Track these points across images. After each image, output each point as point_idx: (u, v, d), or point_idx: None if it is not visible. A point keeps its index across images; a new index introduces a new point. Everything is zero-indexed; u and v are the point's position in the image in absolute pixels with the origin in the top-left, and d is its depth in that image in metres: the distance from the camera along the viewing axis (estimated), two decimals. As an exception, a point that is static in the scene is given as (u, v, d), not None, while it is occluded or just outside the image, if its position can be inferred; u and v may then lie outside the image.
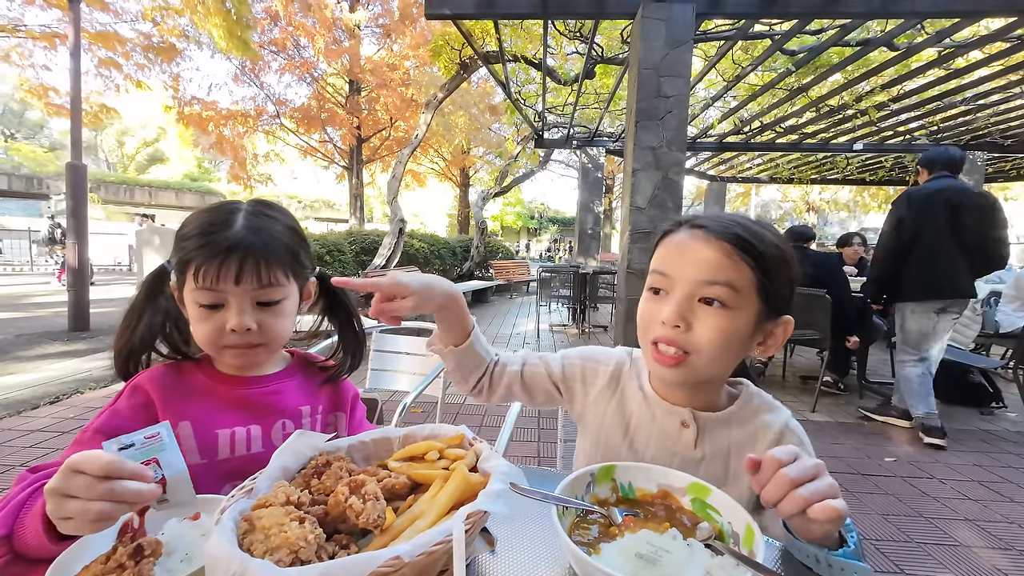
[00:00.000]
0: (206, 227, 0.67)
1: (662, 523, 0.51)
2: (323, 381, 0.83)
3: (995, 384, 3.43)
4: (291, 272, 0.73)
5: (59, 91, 8.99)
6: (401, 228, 6.68)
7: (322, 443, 0.56)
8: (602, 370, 0.78)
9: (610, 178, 17.48)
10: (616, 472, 0.58)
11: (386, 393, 2.17)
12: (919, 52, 4.51)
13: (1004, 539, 1.85)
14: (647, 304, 0.66)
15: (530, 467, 0.77)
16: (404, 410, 1.44)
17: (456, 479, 0.48)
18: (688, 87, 3.59)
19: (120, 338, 0.72)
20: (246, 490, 0.45)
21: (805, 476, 0.45)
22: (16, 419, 2.82)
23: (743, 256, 0.59)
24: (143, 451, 0.48)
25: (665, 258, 0.65)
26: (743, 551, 0.45)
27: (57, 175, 18.36)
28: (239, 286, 0.66)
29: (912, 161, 8.63)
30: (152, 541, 0.42)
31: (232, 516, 0.41)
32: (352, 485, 0.46)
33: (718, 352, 0.60)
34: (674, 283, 0.62)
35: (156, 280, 0.74)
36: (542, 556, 0.52)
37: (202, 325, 0.68)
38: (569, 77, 6.48)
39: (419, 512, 0.46)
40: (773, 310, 0.62)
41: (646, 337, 0.65)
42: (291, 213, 0.79)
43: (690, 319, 0.60)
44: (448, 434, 0.59)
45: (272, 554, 0.38)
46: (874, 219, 24.55)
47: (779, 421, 0.68)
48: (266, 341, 0.71)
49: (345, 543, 0.44)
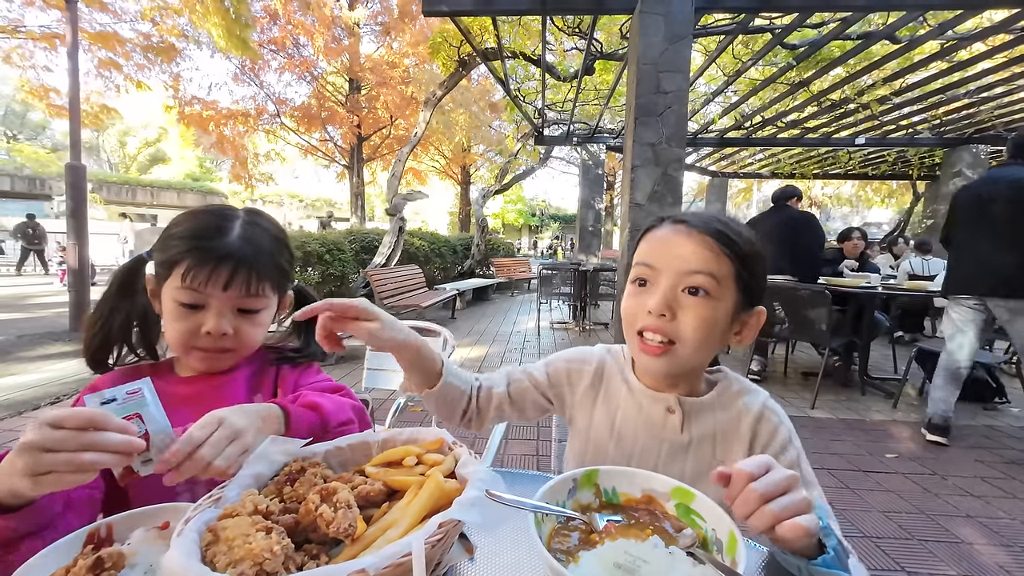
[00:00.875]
0: (202, 231, 0.68)
1: (645, 530, 0.50)
2: (275, 363, 0.81)
3: (998, 379, 3.40)
4: (276, 285, 0.74)
5: (60, 92, 9.02)
6: (401, 227, 6.66)
7: (297, 449, 0.54)
8: (586, 369, 0.79)
9: (611, 175, 17.40)
10: (599, 477, 0.56)
11: (383, 392, 2.17)
12: (921, 45, 4.47)
13: (1007, 536, 1.83)
14: (632, 297, 0.68)
15: (526, 471, 0.76)
16: (398, 410, 1.43)
17: (430, 486, 0.47)
18: (688, 82, 3.56)
19: (90, 330, 0.72)
20: (214, 499, 0.44)
21: (775, 491, 0.44)
22: (17, 420, 2.83)
23: (723, 249, 0.63)
24: (125, 406, 0.48)
25: (649, 251, 0.67)
26: (726, 559, 0.44)
27: (59, 176, 18.41)
28: (226, 292, 0.66)
29: (915, 155, 8.57)
30: (114, 552, 0.41)
31: (196, 527, 0.40)
32: (324, 493, 0.45)
33: (701, 340, 0.63)
34: (659, 274, 0.64)
35: (130, 271, 0.73)
36: (523, 563, 0.50)
37: (177, 323, 0.67)
38: (568, 73, 6.44)
39: (392, 520, 0.45)
40: (748, 301, 0.66)
41: (632, 328, 0.67)
42: (278, 223, 0.79)
43: (675, 308, 0.63)
44: (427, 439, 0.58)
45: (235, 567, 0.36)
46: (877, 214, 24.41)
47: (757, 403, 0.70)
48: (237, 347, 0.71)
49: (315, 553, 0.43)
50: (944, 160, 8.17)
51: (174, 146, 31.09)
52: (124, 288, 0.73)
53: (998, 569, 1.64)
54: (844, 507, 2.03)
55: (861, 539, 1.81)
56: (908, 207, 11.03)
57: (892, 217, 20.39)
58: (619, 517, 0.52)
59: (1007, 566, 1.65)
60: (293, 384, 0.80)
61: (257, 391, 0.78)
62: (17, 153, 23.12)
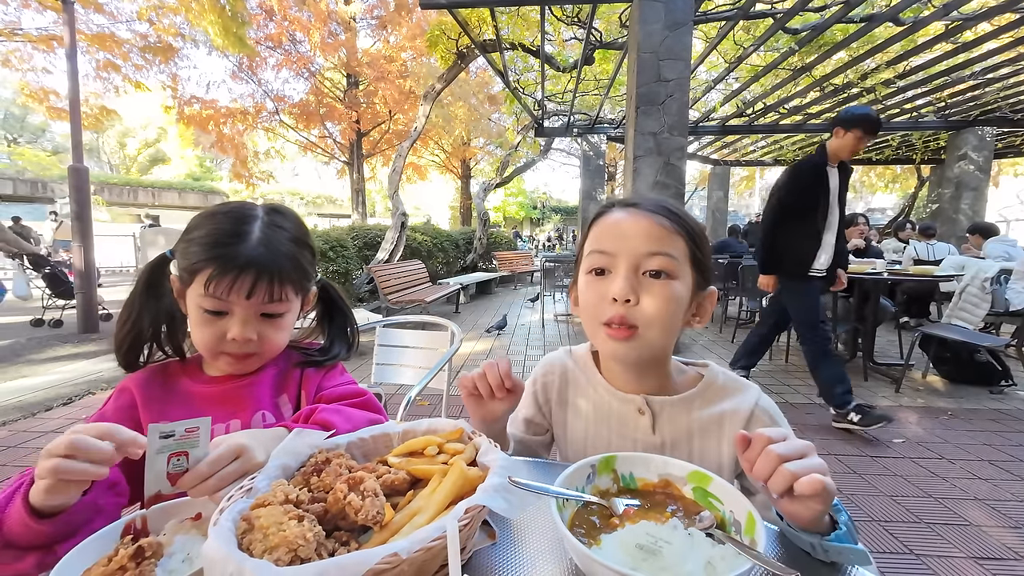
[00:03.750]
0: (221, 236, 0.67)
1: (664, 513, 0.51)
2: (301, 365, 0.82)
3: (1004, 363, 3.39)
4: (299, 288, 0.74)
5: (60, 94, 9.01)
6: (403, 222, 6.67)
7: (321, 440, 0.56)
8: (551, 378, 0.79)
9: (612, 165, 17.32)
10: (617, 462, 0.57)
11: (392, 387, 2.19)
12: (926, 26, 4.41)
13: (1014, 518, 1.84)
14: (592, 286, 0.66)
15: (536, 460, 0.76)
16: (409, 403, 1.45)
17: (454, 474, 0.48)
18: (689, 70, 3.54)
19: (120, 330, 0.73)
20: (245, 490, 0.45)
21: (794, 453, 0.45)
22: (31, 421, 2.87)
23: (677, 228, 0.63)
24: (179, 442, 0.51)
25: (604, 237, 0.66)
26: (744, 539, 0.45)
27: (61, 178, 18.48)
28: (249, 300, 0.67)
29: (919, 139, 8.49)
30: (153, 542, 0.42)
31: (231, 516, 0.41)
32: (351, 482, 0.46)
33: (666, 322, 0.62)
34: (616, 260, 0.63)
35: (155, 270, 0.73)
36: (544, 548, 0.52)
37: (203, 329, 0.68)
38: (568, 64, 6.40)
39: (418, 508, 0.46)
40: (702, 280, 0.66)
41: (596, 321, 0.65)
42: (300, 219, 0.78)
43: (639, 292, 0.62)
44: (447, 429, 0.59)
45: (271, 553, 0.38)
46: (881, 199, 24.24)
47: (747, 403, 0.68)
48: (262, 351, 0.72)
49: (345, 540, 0.44)
50: (949, 143, 8.09)
51: (174, 146, 31.08)
52: (150, 288, 0.74)
53: (1006, 550, 1.65)
54: (852, 492, 2.05)
55: (869, 523, 1.82)
56: (912, 192, 10.94)
57: (896, 202, 20.26)
58: (637, 502, 0.53)
59: (1015, 547, 1.66)
60: (317, 385, 0.81)
61: (282, 392, 0.79)
62: (19, 156, 23.15)
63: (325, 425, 0.65)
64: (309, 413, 0.71)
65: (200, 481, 0.52)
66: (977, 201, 7.84)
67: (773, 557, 0.47)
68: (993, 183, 13.03)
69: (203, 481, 0.52)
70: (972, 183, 7.81)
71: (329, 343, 0.87)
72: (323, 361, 0.83)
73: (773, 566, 0.39)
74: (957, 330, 3.37)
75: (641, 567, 0.43)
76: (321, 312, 0.88)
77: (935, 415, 2.90)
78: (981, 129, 7.59)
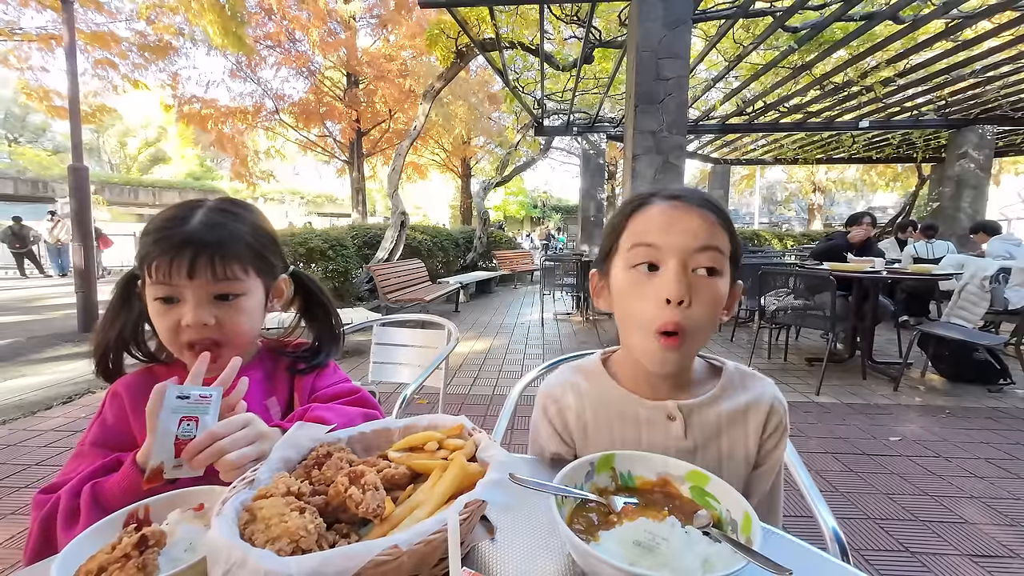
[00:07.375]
0: (164, 223, 0.67)
1: (661, 511, 0.51)
2: (291, 370, 0.81)
3: (1002, 361, 3.40)
4: (251, 268, 0.71)
5: (61, 93, 9.00)
6: (403, 221, 6.67)
7: (322, 434, 0.56)
8: (565, 403, 0.73)
9: (612, 164, 17.30)
10: (615, 461, 0.58)
11: (390, 386, 2.19)
12: (926, 24, 4.41)
13: (1010, 516, 1.85)
14: (639, 284, 0.60)
15: (536, 457, 0.77)
16: (405, 402, 1.45)
17: (454, 469, 0.49)
18: (688, 69, 3.54)
19: (95, 338, 0.73)
20: (247, 481, 0.46)
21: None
22: (31, 419, 2.88)
23: (722, 222, 0.61)
24: (191, 406, 0.54)
25: (650, 229, 0.60)
26: (740, 538, 0.46)
27: (62, 178, 18.44)
28: (193, 280, 0.65)
29: (920, 137, 8.49)
30: (156, 531, 0.43)
31: (233, 506, 0.42)
32: (352, 475, 0.47)
33: (712, 325, 0.60)
34: (665, 255, 0.59)
35: (129, 281, 0.73)
36: (542, 544, 0.52)
37: (160, 320, 0.68)
38: (567, 62, 6.39)
39: (418, 501, 0.47)
40: (735, 275, 0.64)
41: (646, 326, 0.59)
42: (260, 211, 0.78)
43: (691, 293, 0.58)
44: (447, 425, 0.60)
45: (273, 543, 0.38)
46: (882, 198, 24.24)
47: (767, 394, 0.69)
48: (225, 338, 0.69)
49: (345, 532, 0.45)
50: (950, 142, 8.09)
51: (174, 146, 31.06)
52: (125, 298, 0.73)
53: (1002, 549, 1.66)
54: (849, 490, 2.05)
55: (866, 521, 1.83)
56: (913, 190, 10.94)
57: (897, 201, 20.25)
58: (635, 500, 0.54)
59: (1012, 546, 1.67)
60: (310, 387, 0.80)
61: (270, 394, 0.78)
62: (19, 156, 23.16)
63: (319, 423, 0.64)
64: (302, 413, 0.70)
65: (212, 441, 0.54)
66: (978, 199, 7.84)
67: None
68: (994, 181, 13.03)
69: (214, 442, 0.54)
70: (973, 181, 7.81)
71: (316, 342, 0.85)
72: (313, 365, 0.82)
73: (768, 564, 0.39)
74: (956, 328, 3.38)
75: (639, 563, 0.43)
76: (300, 305, 0.86)
77: (933, 413, 2.91)
78: (982, 127, 7.59)
